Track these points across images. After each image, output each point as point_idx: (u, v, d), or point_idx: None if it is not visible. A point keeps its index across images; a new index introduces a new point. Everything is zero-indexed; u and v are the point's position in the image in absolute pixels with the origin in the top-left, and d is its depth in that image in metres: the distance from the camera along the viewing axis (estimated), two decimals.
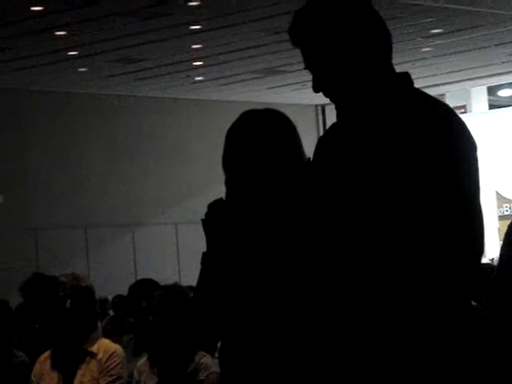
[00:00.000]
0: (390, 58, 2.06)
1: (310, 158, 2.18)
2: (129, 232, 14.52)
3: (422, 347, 1.91)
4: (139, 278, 9.08)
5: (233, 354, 2.18)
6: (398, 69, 2.07)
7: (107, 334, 6.28)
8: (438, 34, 11.99)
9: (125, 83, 13.62)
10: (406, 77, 2.06)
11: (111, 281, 12.75)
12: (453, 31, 11.88)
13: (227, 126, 2.25)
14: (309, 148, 2.20)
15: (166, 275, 11.74)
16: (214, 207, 2.20)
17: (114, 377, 3.80)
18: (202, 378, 3.75)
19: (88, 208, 13.99)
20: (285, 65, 12.84)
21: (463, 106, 16.23)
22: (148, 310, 3.90)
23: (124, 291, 6.86)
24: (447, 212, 1.91)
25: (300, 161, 2.19)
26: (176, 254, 14.60)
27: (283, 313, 2.11)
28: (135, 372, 3.87)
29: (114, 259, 14.05)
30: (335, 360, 1.98)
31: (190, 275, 2.30)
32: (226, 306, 2.17)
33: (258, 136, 2.19)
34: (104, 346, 3.85)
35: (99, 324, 4.28)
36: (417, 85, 2.09)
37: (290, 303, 2.10)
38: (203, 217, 2.21)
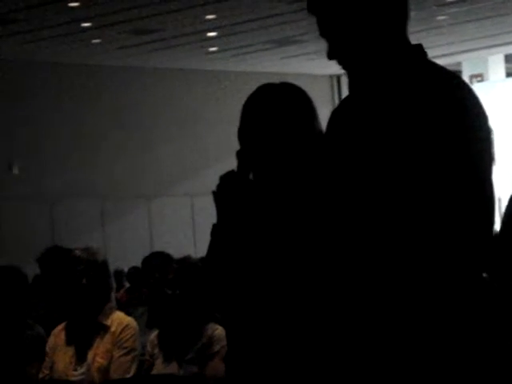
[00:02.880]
0: (405, 28, 2.04)
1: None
2: (144, 204, 14.56)
3: (436, 321, 1.90)
4: (155, 249, 9.13)
5: (240, 328, 2.18)
6: (414, 38, 2.06)
7: (123, 306, 6.32)
8: (454, 1, 11.88)
9: (138, 54, 13.58)
10: (419, 49, 2.04)
11: (127, 252, 12.82)
12: None
13: (242, 97, 2.25)
14: (324, 119, 2.19)
15: (181, 247, 11.81)
16: (226, 179, 2.20)
17: (128, 349, 3.82)
18: (216, 349, 3.77)
19: (104, 179, 14.02)
20: (300, 34, 12.76)
21: (480, 75, 16.09)
22: (163, 283, 3.91)
23: (140, 263, 6.89)
24: (459, 184, 1.89)
25: (315, 135, 2.20)
26: (191, 225, 14.64)
27: (291, 290, 2.10)
28: (148, 344, 3.90)
29: (129, 231, 14.10)
30: (348, 336, 1.98)
31: (205, 247, 2.30)
32: (233, 279, 2.17)
33: (275, 109, 2.20)
34: (117, 319, 3.88)
35: (113, 297, 4.30)
36: (433, 54, 2.06)
37: (299, 280, 2.09)
38: (214, 189, 2.21)
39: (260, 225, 2.17)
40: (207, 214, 2.38)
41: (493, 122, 2.06)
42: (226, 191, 2.19)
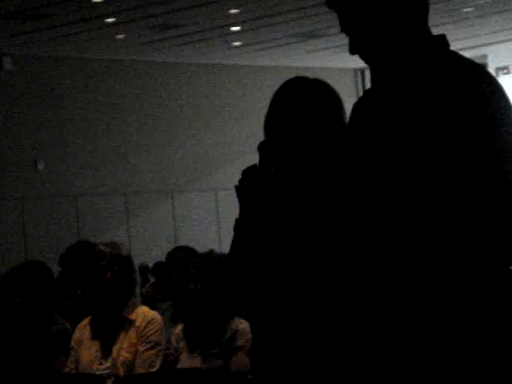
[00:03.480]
0: (426, 20, 2.02)
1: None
2: (168, 198, 14.59)
3: (463, 315, 1.89)
4: (179, 244, 9.14)
5: (264, 322, 2.17)
6: (440, 30, 2.04)
7: (148, 301, 6.33)
8: None
9: (162, 50, 13.60)
10: (442, 40, 2.02)
11: (152, 247, 12.86)
12: None
13: (266, 92, 2.24)
14: (349, 113, 2.18)
15: (206, 242, 11.83)
16: (248, 173, 2.19)
17: (152, 343, 3.82)
18: (241, 344, 3.76)
19: (128, 174, 14.07)
20: (324, 28, 12.72)
21: (506, 67, 15.95)
22: (186, 278, 3.91)
23: (164, 258, 6.90)
24: (483, 175, 1.87)
25: (341, 130, 2.19)
26: (216, 220, 14.65)
27: (312, 283, 2.09)
28: (173, 338, 3.89)
29: (154, 226, 14.14)
30: (371, 330, 1.96)
31: (229, 242, 2.29)
32: (256, 274, 2.16)
33: (303, 103, 2.20)
34: (142, 314, 3.88)
35: (138, 291, 4.31)
36: (459, 46, 2.04)
37: (320, 274, 2.08)
38: (237, 183, 2.21)
39: (282, 219, 2.16)
40: (232, 209, 2.37)
41: None
42: (249, 185, 2.18)
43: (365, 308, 1.96)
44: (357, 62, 1.86)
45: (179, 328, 3.94)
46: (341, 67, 15.54)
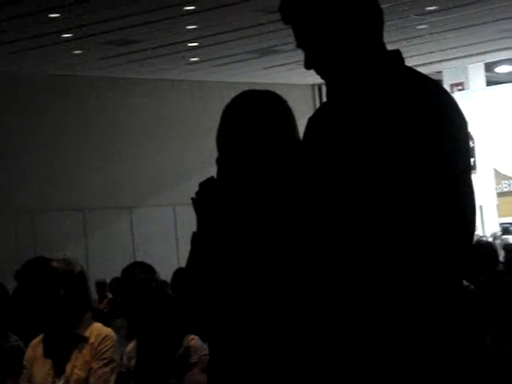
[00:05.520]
0: (381, 35, 2.04)
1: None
2: (127, 214, 14.52)
3: (414, 327, 1.90)
4: (138, 260, 9.09)
5: (222, 337, 2.17)
6: (394, 47, 2.06)
7: (105, 317, 6.29)
8: (434, 10, 11.93)
9: (119, 65, 13.57)
10: (396, 54, 2.04)
11: (110, 263, 12.77)
12: (448, 8, 11.82)
13: (223, 107, 2.24)
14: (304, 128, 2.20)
15: (164, 257, 11.77)
16: (205, 186, 2.19)
17: (106, 360, 3.79)
18: (195, 360, 3.75)
19: (86, 190, 13.98)
20: (281, 44, 12.78)
21: (461, 83, 16.17)
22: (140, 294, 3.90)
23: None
24: (437, 191, 1.89)
25: (294, 143, 2.19)
26: (174, 235, 14.61)
27: (271, 295, 2.09)
28: (124, 357, 3.88)
29: (112, 242, 14.06)
30: (329, 347, 1.97)
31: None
32: (214, 288, 2.16)
33: (254, 116, 2.19)
34: (96, 330, 3.85)
35: (91, 308, 4.28)
36: (413, 62, 2.07)
37: (278, 285, 2.08)
38: (194, 196, 2.21)
39: (239, 232, 2.16)
40: (190, 224, 2.37)
41: (473, 130, 2.06)
42: (206, 198, 2.18)
43: (319, 323, 1.97)
44: (314, 78, 1.88)
45: (131, 345, 3.93)
46: (298, 83, 15.62)
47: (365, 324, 1.92)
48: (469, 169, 1.97)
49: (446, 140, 1.91)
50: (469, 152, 1.99)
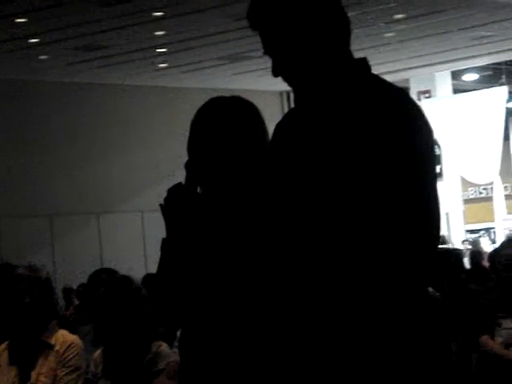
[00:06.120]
0: (348, 43, 2.05)
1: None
2: (94, 220, 14.44)
3: (378, 334, 1.91)
4: (105, 266, 9.04)
5: (193, 343, 2.16)
6: (362, 54, 2.07)
7: (72, 324, 6.25)
8: (401, 19, 12.03)
9: (87, 71, 13.51)
10: (363, 62, 2.06)
11: (77, 269, 12.68)
12: (415, 16, 11.92)
13: (192, 113, 2.26)
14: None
15: (132, 263, 11.72)
16: (174, 192, 2.19)
17: (72, 368, 3.77)
18: (162, 367, 3.74)
19: (53, 196, 13.88)
20: (249, 51, 12.81)
21: (428, 91, 16.30)
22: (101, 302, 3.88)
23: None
24: (401, 198, 1.90)
25: (264, 148, 2.20)
26: (142, 241, 14.55)
27: (242, 300, 2.10)
28: (91, 364, 3.85)
29: (79, 248, 13.97)
30: (293, 350, 1.98)
31: (156, 263, 2.29)
32: (185, 293, 2.16)
33: (223, 122, 2.21)
34: (61, 338, 3.83)
35: (58, 315, 4.25)
36: (380, 70, 2.08)
37: (248, 290, 2.09)
38: (162, 202, 2.21)
39: (208, 237, 2.17)
40: (158, 231, 2.37)
41: (440, 137, 2.08)
42: (174, 204, 2.18)
43: (289, 328, 1.98)
44: (282, 85, 1.88)
45: (98, 352, 3.90)
46: (266, 90, 15.65)
47: (327, 331, 1.93)
48: (435, 176, 1.99)
49: (411, 147, 1.93)
50: (434, 159, 2.01)
